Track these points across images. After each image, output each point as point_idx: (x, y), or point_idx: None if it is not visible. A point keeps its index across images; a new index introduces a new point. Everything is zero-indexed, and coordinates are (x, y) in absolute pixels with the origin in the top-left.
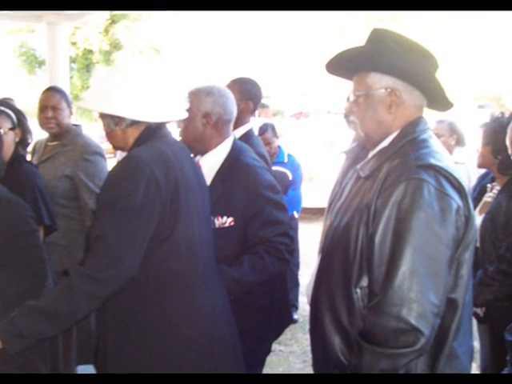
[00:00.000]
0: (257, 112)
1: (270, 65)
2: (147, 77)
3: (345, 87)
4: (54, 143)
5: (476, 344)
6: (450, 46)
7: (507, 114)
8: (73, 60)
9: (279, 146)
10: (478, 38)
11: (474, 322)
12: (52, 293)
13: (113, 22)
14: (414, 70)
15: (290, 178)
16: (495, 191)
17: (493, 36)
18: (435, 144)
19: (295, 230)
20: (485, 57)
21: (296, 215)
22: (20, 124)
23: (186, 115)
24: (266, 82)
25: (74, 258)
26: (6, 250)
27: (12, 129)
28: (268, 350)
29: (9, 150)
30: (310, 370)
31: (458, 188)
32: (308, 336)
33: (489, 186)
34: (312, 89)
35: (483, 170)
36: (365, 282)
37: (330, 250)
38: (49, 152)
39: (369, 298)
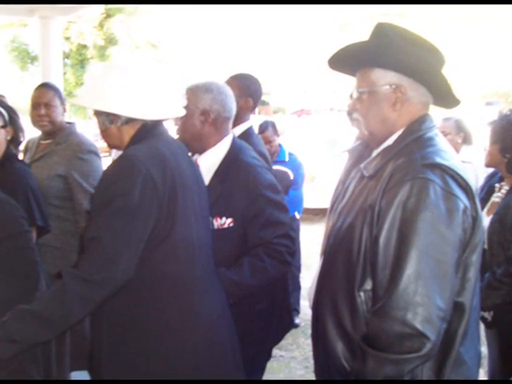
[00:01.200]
0: (257, 109)
1: (271, 60)
2: (143, 73)
3: (348, 84)
4: (47, 141)
5: (484, 349)
6: (457, 42)
7: None
8: (66, 55)
9: (280, 145)
10: (486, 33)
11: (482, 326)
12: (45, 296)
13: (108, 16)
14: (420, 66)
15: (291, 177)
16: (503, 191)
17: (501, 32)
18: (441, 142)
19: (296, 231)
20: (493, 53)
21: (297, 216)
22: (12, 122)
23: (183, 112)
24: (266, 79)
25: (68, 259)
26: None
27: (3, 127)
28: (268, 355)
29: (0, 149)
30: (311, 376)
31: (465, 188)
32: (310, 341)
33: (497, 185)
34: (314, 85)
35: (491, 170)
36: (368, 285)
37: (333, 252)
38: (42, 151)
39: (373, 302)
